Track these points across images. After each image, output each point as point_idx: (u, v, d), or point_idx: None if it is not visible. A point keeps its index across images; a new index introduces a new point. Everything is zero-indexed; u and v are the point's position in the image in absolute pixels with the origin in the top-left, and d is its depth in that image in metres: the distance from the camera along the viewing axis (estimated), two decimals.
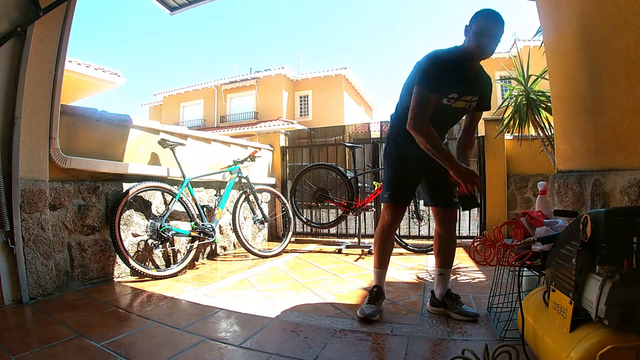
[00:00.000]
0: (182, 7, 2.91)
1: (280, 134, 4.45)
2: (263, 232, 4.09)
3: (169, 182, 2.74)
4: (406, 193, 1.81)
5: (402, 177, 1.78)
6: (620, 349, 0.84)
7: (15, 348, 1.35)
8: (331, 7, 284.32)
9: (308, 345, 1.41)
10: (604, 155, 1.50)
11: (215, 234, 2.88)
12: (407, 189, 1.81)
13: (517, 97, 3.28)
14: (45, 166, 2.06)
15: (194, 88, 20.73)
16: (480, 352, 1.14)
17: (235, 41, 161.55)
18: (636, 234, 0.85)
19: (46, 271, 2.02)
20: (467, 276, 2.46)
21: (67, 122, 2.24)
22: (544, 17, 2.01)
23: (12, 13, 1.91)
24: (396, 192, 1.78)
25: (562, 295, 1.02)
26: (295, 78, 19.32)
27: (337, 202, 3.50)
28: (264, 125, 17.01)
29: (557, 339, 1.00)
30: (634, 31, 1.24)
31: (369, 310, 1.68)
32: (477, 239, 1.78)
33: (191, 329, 1.58)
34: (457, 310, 1.66)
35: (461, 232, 3.75)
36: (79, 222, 2.27)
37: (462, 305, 1.68)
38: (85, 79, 5.95)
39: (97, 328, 1.58)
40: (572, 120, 1.80)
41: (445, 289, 1.75)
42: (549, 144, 3.13)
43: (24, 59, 1.94)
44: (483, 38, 1.46)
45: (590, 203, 1.53)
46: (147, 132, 2.79)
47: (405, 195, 1.81)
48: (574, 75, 1.74)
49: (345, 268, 2.79)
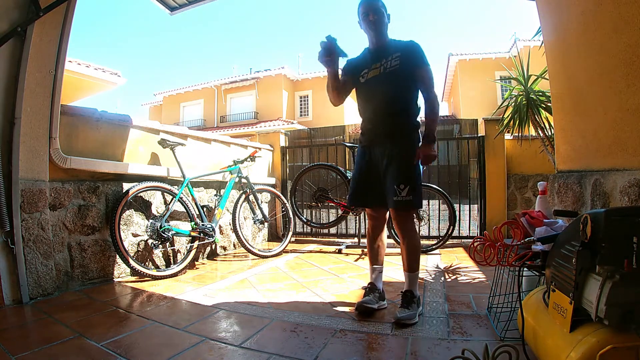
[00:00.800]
0: (182, 7, 2.91)
1: (280, 134, 4.45)
2: (263, 232, 4.09)
3: (169, 182, 2.74)
4: (360, 195, 1.87)
5: (355, 176, 1.90)
6: (620, 349, 0.84)
7: (15, 348, 1.35)
8: (331, 7, 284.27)
9: (308, 345, 1.41)
10: (604, 155, 1.50)
11: (215, 234, 2.88)
12: (361, 190, 1.86)
13: (517, 97, 3.28)
14: (45, 166, 2.06)
15: (194, 88, 20.73)
16: (480, 352, 1.14)
17: (235, 41, 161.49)
18: (636, 234, 0.85)
19: (46, 271, 2.02)
20: (467, 276, 2.46)
21: (67, 122, 2.24)
22: (544, 17, 2.01)
23: (12, 13, 1.91)
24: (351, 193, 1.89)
25: (562, 295, 1.02)
26: (295, 78, 19.32)
27: (337, 202, 3.50)
28: (264, 125, 17.01)
29: (557, 339, 1.00)
30: (634, 31, 1.24)
31: (363, 298, 1.75)
32: (477, 239, 1.79)
33: (191, 329, 1.58)
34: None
35: (461, 232, 3.75)
36: (79, 222, 2.27)
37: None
38: (85, 79, 5.96)
39: (97, 328, 1.58)
40: (572, 120, 1.80)
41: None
42: (549, 144, 3.13)
43: (24, 59, 1.94)
44: (362, 22, 1.78)
45: (590, 203, 1.53)
46: (147, 132, 2.79)
47: (360, 198, 1.87)
48: (574, 75, 1.74)
49: (345, 268, 2.79)
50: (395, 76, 1.73)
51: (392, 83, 1.74)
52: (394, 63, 1.73)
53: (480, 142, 3.73)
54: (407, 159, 1.72)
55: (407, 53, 1.74)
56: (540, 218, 1.50)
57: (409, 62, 1.72)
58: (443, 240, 3.36)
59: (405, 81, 1.75)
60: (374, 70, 1.78)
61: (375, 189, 1.81)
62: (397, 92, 1.76)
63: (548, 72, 2.08)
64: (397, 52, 1.74)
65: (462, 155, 3.95)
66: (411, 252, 1.77)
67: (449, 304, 1.87)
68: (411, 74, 1.74)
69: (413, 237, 1.79)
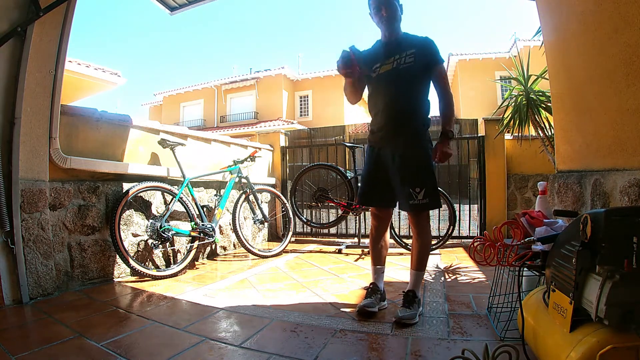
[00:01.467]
0: (182, 7, 2.91)
1: (280, 134, 4.45)
2: (263, 232, 4.09)
3: (169, 182, 2.74)
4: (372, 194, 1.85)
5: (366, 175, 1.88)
6: (620, 349, 0.84)
7: (15, 348, 1.35)
8: (331, 6, 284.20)
9: (308, 345, 1.41)
10: (604, 155, 1.50)
11: (215, 234, 2.88)
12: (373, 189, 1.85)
13: (517, 97, 3.28)
14: (45, 166, 2.06)
15: (194, 88, 20.72)
16: (480, 352, 1.14)
17: (236, 41, 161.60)
18: (636, 234, 0.85)
19: (46, 271, 2.02)
20: (467, 276, 2.46)
21: (67, 122, 2.24)
22: (544, 17, 2.01)
23: (12, 13, 1.91)
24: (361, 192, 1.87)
25: (562, 295, 1.02)
26: (295, 78, 19.31)
27: (337, 202, 3.50)
28: (264, 125, 17.01)
29: (557, 339, 1.00)
30: (634, 31, 1.24)
31: (365, 302, 1.73)
32: (477, 239, 1.79)
33: (191, 329, 1.58)
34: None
35: (461, 232, 3.75)
36: (79, 222, 2.27)
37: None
38: (85, 79, 5.96)
39: (97, 328, 1.58)
40: (572, 120, 1.80)
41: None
42: (549, 144, 3.13)
43: (24, 59, 1.94)
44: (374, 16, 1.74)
45: (590, 203, 1.53)
46: (147, 132, 2.79)
47: (370, 198, 1.85)
48: (574, 75, 1.74)
49: (345, 268, 2.79)
50: (408, 73, 1.68)
51: (405, 80, 1.69)
52: (409, 60, 1.68)
53: (480, 142, 3.73)
54: (420, 161, 1.70)
55: (423, 50, 1.69)
56: (540, 218, 1.50)
57: (424, 59, 1.68)
58: (443, 240, 3.36)
59: (418, 79, 1.70)
60: (386, 65, 1.72)
61: (383, 189, 1.79)
62: (410, 90, 1.70)
63: (548, 72, 2.08)
64: (412, 48, 1.69)
65: (462, 155, 3.94)
66: (423, 250, 1.77)
67: (449, 304, 1.87)
68: (425, 71, 1.70)
69: (428, 236, 1.80)
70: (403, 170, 1.70)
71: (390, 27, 1.72)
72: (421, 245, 1.77)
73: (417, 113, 1.73)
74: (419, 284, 1.78)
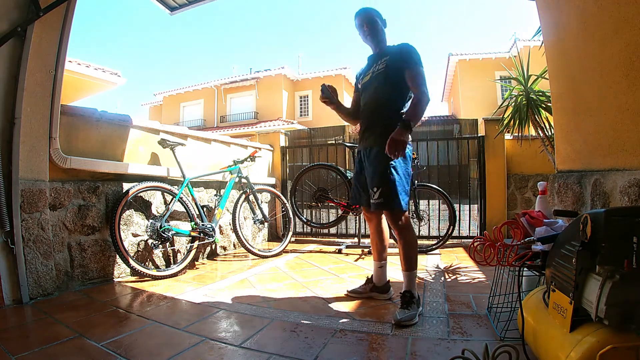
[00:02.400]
0: (182, 7, 2.91)
1: (280, 134, 4.45)
2: (263, 232, 4.09)
3: (169, 182, 2.74)
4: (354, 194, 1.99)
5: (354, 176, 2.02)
6: (620, 349, 0.84)
7: (15, 348, 1.36)
8: (331, 6, 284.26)
9: (308, 345, 1.41)
10: (604, 155, 1.50)
11: (215, 234, 2.88)
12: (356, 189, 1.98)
13: (517, 97, 3.28)
14: (45, 166, 2.06)
15: (194, 88, 20.71)
16: (480, 352, 1.14)
17: (236, 41, 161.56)
18: (636, 234, 0.85)
19: (46, 271, 2.02)
20: (467, 276, 2.46)
21: (67, 122, 2.24)
22: (544, 17, 2.01)
23: (12, 13, 1.91)
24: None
25: (562, 295, 1.02)
26: (295, 78, 19.31)
27: (337, 202, 3.50)
28: (264, 125, 17.00)
29: (557, 339, 1.00)
30: (634, 31, 1.24)
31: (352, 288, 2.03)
32: (477, 239, 1.78)
33: (191, 329, 1.58)
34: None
35: (461, 232, 3.75)
36: (79, 222, 2.27)
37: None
38: (85, 79, 5.96)
39: (97, 328, 1.58)
40: (572, 120, 1.80)
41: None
42: (549, 144, 3.13)
43: (24, 59, 1.94)
44: (360, 33, 1.91)
45: (590, 203, 1.53)
46: (147, 132, 2.79)
47: (357, 198, 1.97)
48: (574, 75, 1.74)
49: (345, 268, 2.79)
50: (380, 79, 1.80)
51: (377, 84, 1.82)
52: (381, 67, 1.81)
53: (480, 142, 3.73)
54: (380, 161, 1.74)
55: (395, 55, 1.79)
56: (540, 218, 1.50)
57: (396, 64, 1.77)
58: (443, 240, 3.36)
59: (389, 82, 1.78)
60: (367, 75, 1.90)
61: (365, 190, 1.89)
62: (380, 92, 1.81)
63: (548, 72, 2.08)
64: (387, 55, 1.82)
65: (462, 155, 3.94)
66: (406, 249, 1.78)
67: (449, 304, 1.87)
68: (397, 75, 1.76)
69: (406, 235, 1.79)
70: (367, 169, 1.83)
71: (374, 41, 1.87)
72: (403, 245, 1.79)
73: (384, 113, 1.79)
74: (413, 283, 1.79)
